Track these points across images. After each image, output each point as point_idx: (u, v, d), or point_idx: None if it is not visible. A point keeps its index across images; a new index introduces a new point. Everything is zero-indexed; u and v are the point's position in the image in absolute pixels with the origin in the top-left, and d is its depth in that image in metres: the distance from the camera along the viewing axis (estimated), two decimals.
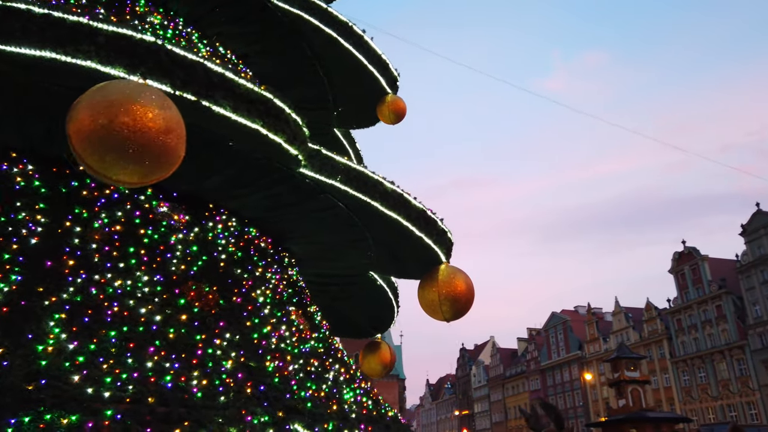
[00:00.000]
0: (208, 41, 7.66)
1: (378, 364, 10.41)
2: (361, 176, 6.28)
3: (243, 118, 4.72)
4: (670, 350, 57.70)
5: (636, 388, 38.11)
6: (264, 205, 6.72)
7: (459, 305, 6.84)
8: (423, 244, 6.91)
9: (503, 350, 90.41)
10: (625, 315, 66.06)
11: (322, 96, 9.29)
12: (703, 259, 55.08)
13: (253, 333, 5.46)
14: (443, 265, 7.02)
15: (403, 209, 6.56)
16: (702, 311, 54.36)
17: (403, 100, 8.69)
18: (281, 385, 5.00)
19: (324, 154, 6.08)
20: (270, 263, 6.90)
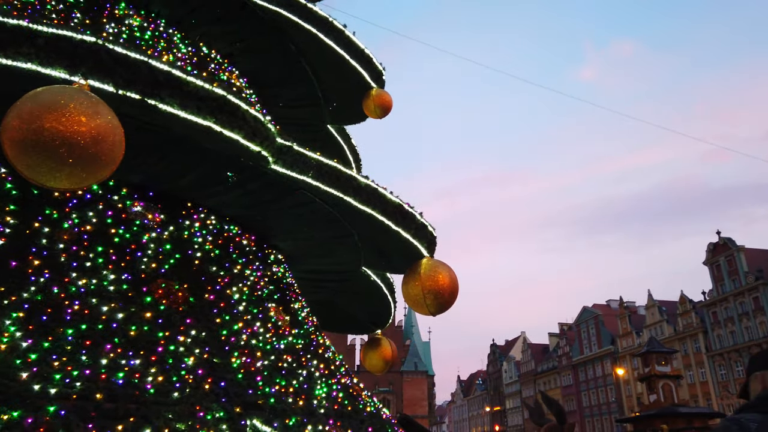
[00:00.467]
0: (191, 42, 7.75)
1: (379, 359, 10.39)
2: (334, 171, 6.26)
3: (193, 116, 4.75)
4: (706, 344, 56.20)
5: (667, 382, 37.23)
6: (242, 202, 6.76)
7: (443, 299, 6.77)
8: (402, 239, 6.86)
9: (534, 345, 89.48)
10: (658, 308, 64.61)
11: (312, 93, 9.30)
12: (739, 250, 53.43)
13: (223, 329, 5.51)
14: (425, 259, 6.96)
15: (378, 204, 6.52)
16: (738, 303, 52.76)
17: (388, 93, 8.62)
18: (245, 380, 5.03)
19: (296, 150, 6.08)
20: (251, 261, 6.94)
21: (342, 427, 5.43)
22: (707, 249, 57.07)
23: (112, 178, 5.96)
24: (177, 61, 6.98)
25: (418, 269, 6.83)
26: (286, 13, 7.57)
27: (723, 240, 55.45)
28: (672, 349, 41.70)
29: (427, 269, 6.82)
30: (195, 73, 4.99)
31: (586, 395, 74.14)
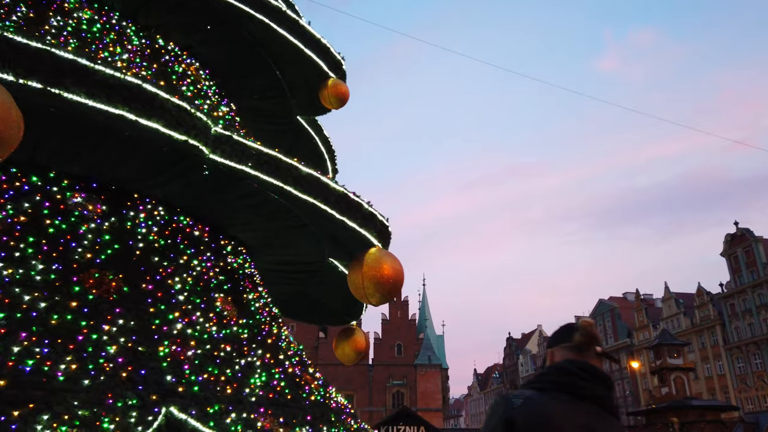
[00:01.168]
0: (147, 34, 7.78)
1: (351, 350, 10.37)
2: (274, 160, 6.24)
3: (102, 105, 4.77)
4: (724, 336, 55.21)
5: (680, 375, 36.72)
6: (189, 193, 6.79)
7: (384, 288, 6.74)
8: (348, 228, 6.83)
9: None
10: (675, 301, 63.62)
11: (276, 84, 9.28)
12: (757, 241, 52.30)
13: (155, 319, 5.54)
14: (372, 249, 6.92)
15: (320, 193, 6.49)
16: (756, 295, 51.69)
17: (344, 84, 8.55)
18: (169, 369, 5.05)
19: (235, 140, 6.08)
20: (201, 251, 6.96)
21: (273, 415, 5.43)
22: (725, 240, 55.98)
23: (51, 169, 6.04)
24: (127, 53, 7.02)
25: (361, 258, 6.82)
26: (237, 4, 7.55)
27: (741, 231, 54.33)
28: (684, 342, 41.07)
29: (370, 259, 6.79)
30: (104, 62, 5.00)
31: None
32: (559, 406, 1.87)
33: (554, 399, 1.90)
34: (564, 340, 2.14)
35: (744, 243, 53.40)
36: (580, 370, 1.98)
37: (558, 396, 1.91)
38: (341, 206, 6.67)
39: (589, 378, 1.97)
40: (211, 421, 4.69)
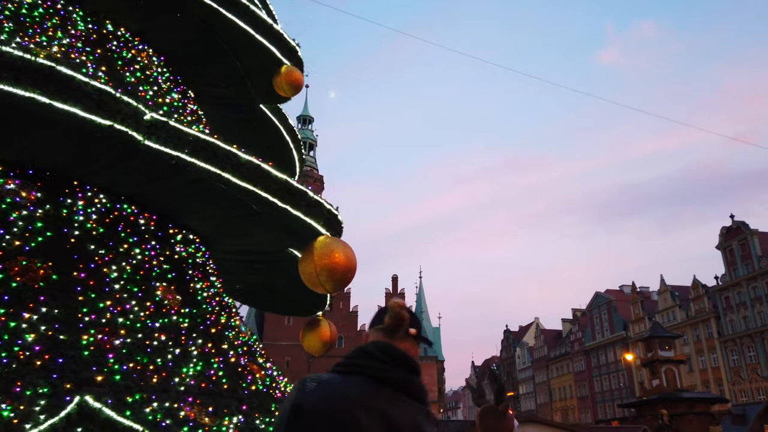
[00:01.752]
0: (95, 20, 7.65)
1: (318, 341, 10.28)
2: (211, 147, 6.13)
3: (10, 87, 4.66)
4: (718, 329, 55.18)
5: (670, 367, 36.68)
6: (131, 181, 6.69)
7: (337, 276, 6.64)
8: (293, 217, 6.73)
9: (547, 331, 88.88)
10: (671, 294, 63.55)
11: (234, 71, 9.15)
12: (753, 234, 52.14)
13: (83, 307, 5.46)
14: (321, 237, 6.82)
15: (260, 181, 6.38)
16: (751, 288, 51.59)
17: (298, 71, 8.40)
18: (91, 357, 4.97)
19: (170, 126, 5.97)
20: (145, 240, 6.87)
21: (202, 404, 5.36)
22: (720, 233, 55.82)
23: None
24: (68, 38, 6.90)
25: (312, 247, 6.72)
26: None
27: (736, 224, 54.15)
28: (675, 334, 41.00)
29: (321, 247, 6.69)
30: (14, 45, 4.88)
31: (598, 381, 73.52)
32: (353, 389, 1.78)
33: (351, 382, 1.80)
34: (377, 323, 2.06)
35: (739, 236, 53.23)
36: (381, 353, 1.88)
37: (356, 379, 1.82)
38: (283, 194, 6.57)
39: (389, 361, 1.87)
40: (128, 411, 4.62)
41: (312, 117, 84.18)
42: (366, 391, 1.82)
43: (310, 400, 1.77)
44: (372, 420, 1.77)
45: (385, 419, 1.79)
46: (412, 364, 1.97)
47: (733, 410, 29.51)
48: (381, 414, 1.78)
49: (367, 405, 1.78)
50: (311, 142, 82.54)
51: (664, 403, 34.13)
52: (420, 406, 1.95)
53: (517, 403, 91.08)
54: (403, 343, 2.03)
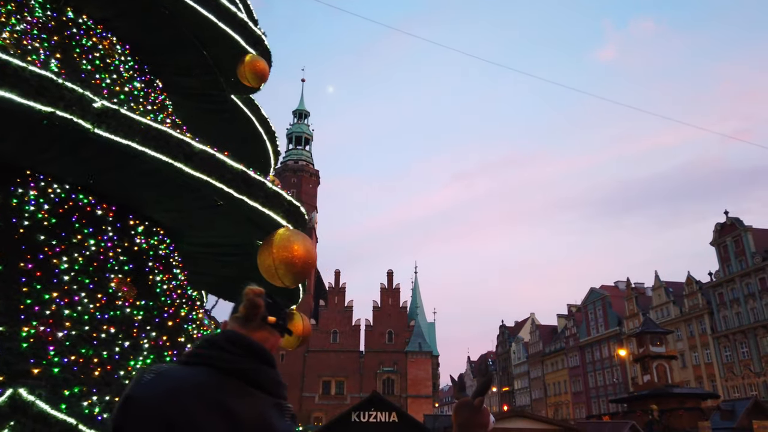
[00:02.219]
0: (55, 6, 7.50)
1: (293, 336, 10.22)
2: (163, 135, 6.00)
3: None
4: (712, 325, 55.27)
5: (661, 363, 36.71)
6: (84, 170, 6.56)
7: (295, 269, 6.54)
8: (250, 208, 6.61)
9: (543, 327, 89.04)
10: (665, 290, 63.64)
11: (202, 60, 9.01)
12: (746, 230, 52.13)
13: (27, 299, 5.34)
14: (281, 229, 6.71)
15: (215, 171, 6.25)
16: (745, 284, 51.63)
17: (262, 60, 8.25)
18: (30, 350, 4.86)
19: (121, 114, 5.83)
20: (102, 231, 6.75)
21: None
22: (714, 229, 55.80)
23: None
24: (23, 24, 6.76)
25: (270, 239, 6.62)
26: None
27: (731, 220, 54.14)
28: (667, 330, 41.00)
29: (279, 239, 6.59)
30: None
31: (592, 376, 73.69)
32: (192, 381, 1.66)
33: (191, 374, 1.69)
34: (234, 311, 1.94)
35: (733, 232, 53.23)
36: (228, 343, 1.77)
37: (198, 371, 1.70)
38: (239, 185, 6.44)
39: (236, 351, 1.76)
40: (64, 404, 4.51)
41: (308, 111, 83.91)
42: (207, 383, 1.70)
43: (142, 391, 1.65)
44: (209, 414, 1.65)
45: (225, 413, 1.67)
46: (264, 354, 1.84)
47: (722, 406, 29.52)
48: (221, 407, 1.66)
49: (206, 398, 1.66)
50: (307, 137, 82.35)
51: (655, 398, 34.18)
52: (271, 399, 1.83)
53: (513, 398, 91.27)
54: (258, 333, 1.91)
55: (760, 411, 26.99)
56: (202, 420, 1.62)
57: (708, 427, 27.61)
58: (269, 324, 1.93)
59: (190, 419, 1.61)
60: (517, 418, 24.55)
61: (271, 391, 1.82)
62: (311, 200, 77.89)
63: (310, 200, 77.77)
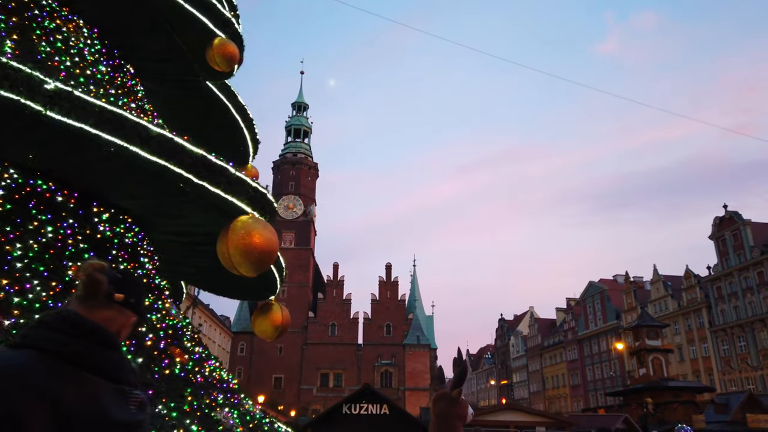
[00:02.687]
0: None
1: (269, 325, 10.04)
2: (117, 118, 5.81)
3: None
4: (710, 319, 55.17)
5: (657, 356, 36.62)
6: (43, 155, 6.37)
7: (252, 257, 6.36)
8: (211, 194, 6.43)
9: (542, 320, 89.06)
10: (663, 283, 63.51)
11: (174, 44, 8.80)
12: (745, 224, 51.94)
13: None
14: (243, 216, 6.53)
15: (173, 155, 6.06)
16: (743, 278, 51.50)
17: (232, 44, 8.04)
18: None
19: (75, 96, 5.64)
20: (62, 218, 6.56)
21: None
22: (713, 223, 55.60)
23: None
24: None
25: (229, 226, 6.44)
26: None
27: (729, 214, 53.92)
28: (663, 323, 40.89)
29: (239, 226, 6.41)
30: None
31: (590, 370, 73.70)
32: (14, 365, 1.49)
33: (15, 357, 1.52)
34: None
35: (732, 226, 53.03)
36: (59, 322, 1.59)
37: (24, 353, 1.53)
38: (199, 170, 6.26)
39: (71, 332, 1.58)
40: None
41: (307, 104, 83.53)
42: (31, 368, 1.53)
43: None
44: (30, 400, 1.47)
45: (51, 399, 1.49)
46: (101, 335, 1.66)
47: (717, 399, 29.42)
48: (45, 394, 1.49)
49: (28, 383, 1.49)
50: (306, 130, 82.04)
51: (651, 391, 34.09)
52: (110, 385, 1.65)
53: (511, 391, 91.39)
54: (103, 312, 1.72)
55: (754, 404, 26.88)
56: (21, 407, 1.45)
57: (702, 420, 27.53)
58: (117, 302, 1.75)
59: (9, 408, 1.44)
60: (510, 411, 24.51)
61: (111, 375, 1.64)
62: (310, 193, 77.76)
63: (308, 193, 77.64)
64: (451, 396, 7.16)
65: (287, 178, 76.54)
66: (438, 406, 6.69)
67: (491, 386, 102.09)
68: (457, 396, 7.00)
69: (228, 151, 11.46)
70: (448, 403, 6.88)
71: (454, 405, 7.11)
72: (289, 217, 74.03)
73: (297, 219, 74.26)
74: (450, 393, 7.01)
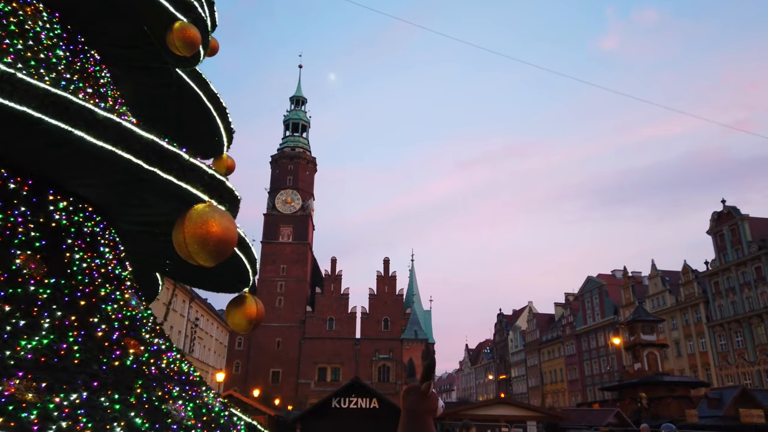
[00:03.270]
0: None
1: (243, 318, 9.83)
2: (62, 101, 5.61)
3: None
4: (707, 314, 54.98)
5: (652, 351, 36.50)
6: None
7: (209, 246, 6.16)
8: (163, 181, 6.24)
9: (540, 315, 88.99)
10: (661, 278, 63.32)
11: (139, 30, 8.60)
12: (743, 219, 51.66)
13: None
14: (199, 204, 6.35)
15: (121, 140, 5.87)
16: (740, 273, 51.27)
17: (193, 27, 7.84)
18: None
19: (17, 78, 5.45)
20: (13, 206, 6.38)
21: (34, 379, 4.94)
22: (711, 218, 55.33)
23: None
24: None
25: (185, 214, 6.25)
26: None
27: (727, 209, 53.63)
28: (658, 318, 40.72)
29: (195, 214, 6.22)
30: None
31: (588, 365, 73.63)
32: None
33: None
34: None
35: (730, 221, 52.75)
36: None
37: None
38: (149, 155, 6.07)
39: None
40: None
41: (305, 98, 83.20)
42: None
43: None
44: None
45: None
46: None
47: (710, 394, 29.26)
48: None
49: None
50: (304, 124, 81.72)
51: (645, 386, 33.97)
52: None
53: (510, 386, 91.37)
54: None
55: (747, 399, 26.73)
56: None
57: (695, 415, 27.39)
58: None
59: None
60: (502, 405, 24.39)
61: None
62: (308, 187, 77.52)
63: (306, 187, 77.41)
64: (420, 389, 6.85)
65: (285, 173, 76.33)
66: (407, 400, 6.40)
67: (490, 381, 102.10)
68: (426, 389, 6.71)
69: (201, 141, 11.27)
70: (417, 396, 6.59)
71: (424, 398, 6.80)
72: (286, 212, 73.91)
73: (295, 213, 74.10)
74: (419, 386, 6.71)
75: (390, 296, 72.98)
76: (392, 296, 72.96)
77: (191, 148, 6.97)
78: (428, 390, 7.10)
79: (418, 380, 8.06)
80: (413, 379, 8.64)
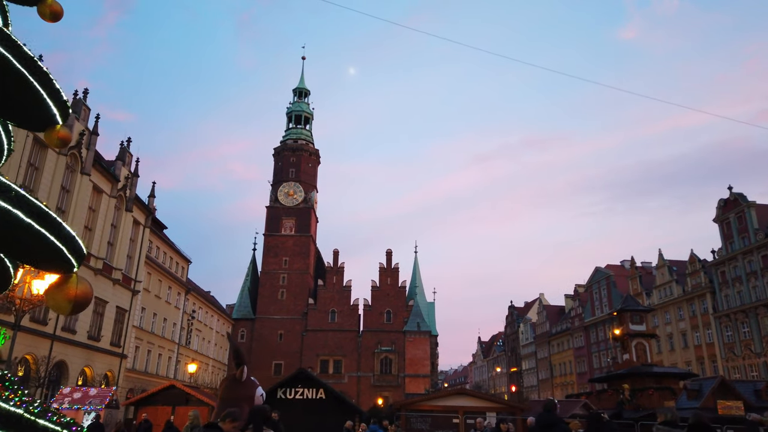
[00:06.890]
0: None
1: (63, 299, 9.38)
2: None
3: None
4: (714, 304, 53.13)
5: (641, 341, 35.21)
6: None
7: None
8: None
9: (550, 307, 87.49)
10: (669, 268, 61.45)
11: None
12: (750, 206, 49.62)
13: None
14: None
15: None
16: (747, 262, 49.35)
17: None
18: None
19: None
20: None
21: None
22: (718, 206, 53.31)
23: None
24: None
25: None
26: None
27: (734, 195, 51.60)
28: (647, 308, 39.32)
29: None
30: None
31: (597, 357, 72.10)
32: None
33: None
34: None
35: (737, 208, 50.77)
36: None
37: None
38: None
39: None
40: None
41: (308, 90, 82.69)
42: None
43: None
44: None
45: None
46: None
47: (689, 385, 28.06)
48: None
49: None
50: (307, 116, 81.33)
51: (633, 377, 32.81)
52: None
53: (521, 379, 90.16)
54: None
55: (725, 390, 25.51)
56: None
57: (674, 406, 26.28)
58: None
59: None
60: (461, 396, 23.68)
61: None
62: (311, 180, 77.21)
63: (309, 179, 77.11)
64: (235, 377, 6.17)
65: (288, 165, 76.22)
66: (224, 390, 5.77)
67: (501, 373, 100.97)
68: (241, 375, 6.02)
69: (29, 112, 10.80)
70: (232, 384, 5.93)
71: (239, 386, 6.09)
72: (289, 204, 73.82)
73: (297, 206, 73.97)
74: (235, 374, 6.04)
75: (392, 288, 72.38)
76: (395, 288, 72.36)
77: (19, 121, 6.52)
78: (242, 375, 6.38)
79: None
80: (241, 365, 7.97)
